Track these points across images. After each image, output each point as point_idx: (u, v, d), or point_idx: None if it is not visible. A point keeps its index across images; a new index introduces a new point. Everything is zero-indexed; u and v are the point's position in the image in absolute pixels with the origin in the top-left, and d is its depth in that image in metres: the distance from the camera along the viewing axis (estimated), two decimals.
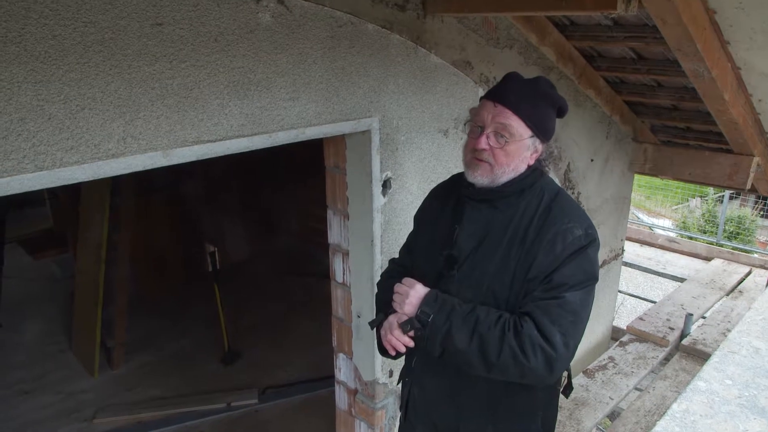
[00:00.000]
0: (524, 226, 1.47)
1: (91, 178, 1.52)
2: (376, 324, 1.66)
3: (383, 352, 1.61)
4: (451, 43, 2.47)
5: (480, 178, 1.49)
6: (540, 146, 1.51)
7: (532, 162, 1.52)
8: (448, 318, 1.44)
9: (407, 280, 1.55)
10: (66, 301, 5.25)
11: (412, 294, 1.51)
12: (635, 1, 1.78)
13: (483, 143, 1.46)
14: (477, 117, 1.50)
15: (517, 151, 1.46)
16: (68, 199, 5.43)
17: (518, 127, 1.44)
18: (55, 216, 7.13)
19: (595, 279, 1.47)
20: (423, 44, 2.34)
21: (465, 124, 1.60)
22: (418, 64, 2.36)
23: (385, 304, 1.66)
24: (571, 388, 1.73)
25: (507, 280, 1.46)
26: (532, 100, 1.47)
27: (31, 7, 1.31)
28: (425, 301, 1.49)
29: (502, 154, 1.46)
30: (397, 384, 1.95)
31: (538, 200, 1.50)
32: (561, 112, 1.54)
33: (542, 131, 1.49)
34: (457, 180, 1.66)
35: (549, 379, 1.43)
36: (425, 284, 1.56)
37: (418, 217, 1.81)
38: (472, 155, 1.50)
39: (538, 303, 1.40)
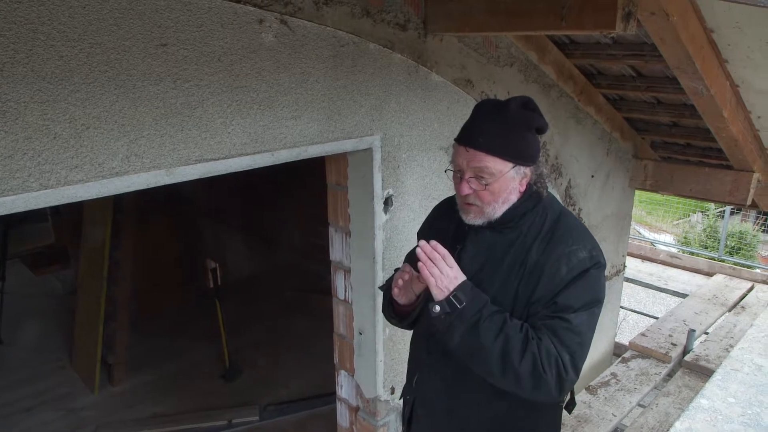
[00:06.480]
0: (526, 248, 1.47)
1: (95, 197, 1.53)
2: (386, 288, 1.74)
3: (388, 314, 1.72)
4: (451, 62, 2.50)
5: (474, 220, 1.50)
6: (527, 171, 1.48)
7: (522, 188, 1.49)
8: (479, 311, 1.38)
9: (451, 260, 1.42)
10: (67, 318, 5.23)
11: (452, 275, 1.40)
12: (633, 21, 1.80)
13: (465, 189, 1.45)
14: (454, 163, 1.49)
15: (501, 187, 1.44)
16: (70, 214, 5.44)
17: (495, 165, 1.41)
18: (57, 232, 7.13)
19: (600, 301, 1.45)
20: (424, 63, 2.37)
21: (446, 172, 1.59)
22: (420, 82, 2.38)
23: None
24: (574, 404, 1.72)
25: (508, 302, 1.45)
26: (504, 132, 1.42)
27: (39, 29, 1.33)
28: (461, 287, 1.40)
29: (487, 195, 1.44)
30: (399, 399, 1.95)
31: (542, 221, 1.50)
32: (540, 130, 1.49)
33: (523, 158, 1.45)
34: None
35: (556, 397, 1.42)
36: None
37: (421, 236, 1.81)
38: (462, 200, 1.50)
39: (546, 322, 1.39)
